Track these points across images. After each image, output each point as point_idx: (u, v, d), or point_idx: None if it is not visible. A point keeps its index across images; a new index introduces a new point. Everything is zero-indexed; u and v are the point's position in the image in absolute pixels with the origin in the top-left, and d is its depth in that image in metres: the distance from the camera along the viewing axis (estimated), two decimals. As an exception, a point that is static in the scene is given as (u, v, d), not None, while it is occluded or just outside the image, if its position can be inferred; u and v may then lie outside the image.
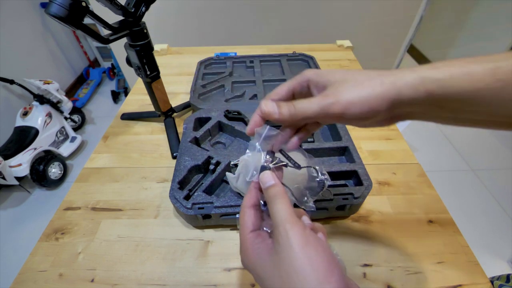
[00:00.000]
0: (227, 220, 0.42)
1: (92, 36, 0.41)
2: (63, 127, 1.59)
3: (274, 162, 0.25)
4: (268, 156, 0.26)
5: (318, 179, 0.28)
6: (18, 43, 1.69)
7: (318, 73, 0.25)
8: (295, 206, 0.26)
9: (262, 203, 0.24)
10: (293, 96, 0.27)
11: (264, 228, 0.24)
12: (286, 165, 0.26)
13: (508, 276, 0.47)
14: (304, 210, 0.27)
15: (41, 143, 1.44)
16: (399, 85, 0.21)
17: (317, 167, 0.27)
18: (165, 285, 0.37)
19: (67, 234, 0.44)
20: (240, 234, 0.24)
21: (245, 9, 1.27)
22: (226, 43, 1.01)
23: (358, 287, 0.21)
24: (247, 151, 0.27)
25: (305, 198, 0.28)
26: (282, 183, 0.25)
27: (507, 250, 1.16)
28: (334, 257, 0.20)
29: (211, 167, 0.48)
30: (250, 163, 0.26)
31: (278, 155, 0.27)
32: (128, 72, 1.65)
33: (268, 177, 0.24)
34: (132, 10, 0.45)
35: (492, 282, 0.49)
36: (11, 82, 1.48)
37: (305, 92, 0.26)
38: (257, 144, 0.26)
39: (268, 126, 0.26)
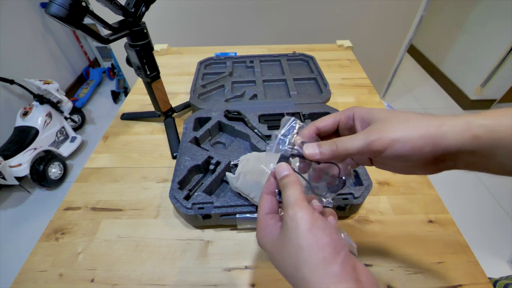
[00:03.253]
0: (227, 220, 0.42)
1: (92, 36, 0.41)
2: (63, 127, 1.59)
3: (292, 153, 0.26)
4: (289, 146, 0.27)
5: (340, 177, 0.28)
6: (18, 43, 1.69)
7: (365, 109, 0.26)
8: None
9: (277, 192, 0.26)
10: (337, 127, 0.28)
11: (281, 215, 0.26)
12: (303, 157, 0.26)
13: None
14: (320, 204, 0.28)
15: (41, 143, 1.44)
16: (444, 128, 0.21)
17: (340, 165, 0.27)
18: (165, 285, 0.38)
19: (67, 234, 0.44)
20: (257, 216, 0.26)
21: (245, 9, 1.27)
22: (226, 43, 1.02)
23: (367, 270, 0.21)
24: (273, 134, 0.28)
25: (324, 193, 0.28)
26: (300, 175, 0.27)
27: (507, 250, 1.16)
28: (341, 240, 0.21)
29: (211, 167, 0.48)
30: (271, 152, 0.27)
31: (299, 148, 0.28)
32: (128, 72, 1.65)
33: (283, 168, 0.25)
34: (132, 10, 0.45)
35: (497, 282, 0.49)
36: (11, 82, 1.48)
37: (349, 126, 0.27)
38: (279, 135, 0.27)
39: (295, 119, 0.27)
